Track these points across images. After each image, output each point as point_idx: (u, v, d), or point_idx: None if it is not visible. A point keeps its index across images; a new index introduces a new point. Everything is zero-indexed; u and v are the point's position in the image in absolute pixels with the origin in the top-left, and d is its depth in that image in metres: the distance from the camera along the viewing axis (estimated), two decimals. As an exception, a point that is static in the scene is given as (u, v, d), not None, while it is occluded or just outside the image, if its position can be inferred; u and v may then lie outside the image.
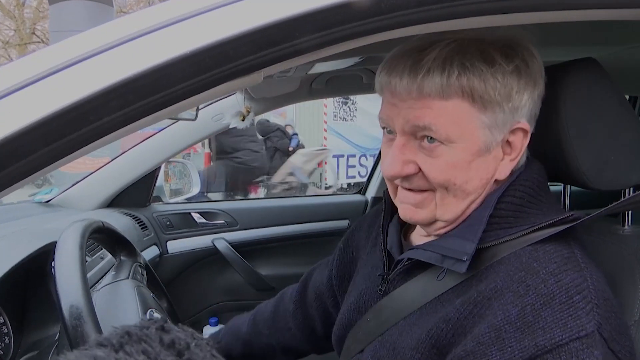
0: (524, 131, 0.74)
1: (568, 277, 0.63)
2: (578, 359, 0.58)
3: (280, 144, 7.05)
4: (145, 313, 0.88)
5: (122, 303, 0.88)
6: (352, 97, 8.60)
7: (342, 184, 8.43)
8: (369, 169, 2.45)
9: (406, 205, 0.78)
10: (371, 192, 2.21)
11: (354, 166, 8.40)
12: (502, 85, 0.69)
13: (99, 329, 0.71)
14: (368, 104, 8.53)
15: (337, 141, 8.61)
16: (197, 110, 1.50)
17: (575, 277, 0.64)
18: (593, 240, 0.80)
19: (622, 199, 0.73)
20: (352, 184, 8.23)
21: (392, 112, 0.73)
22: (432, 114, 0.70)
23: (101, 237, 0.97)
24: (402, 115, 0.72)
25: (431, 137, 0.71)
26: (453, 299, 0.71)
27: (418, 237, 0.85)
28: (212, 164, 6.37)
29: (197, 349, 0.46)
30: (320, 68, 1.32)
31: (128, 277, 0.95)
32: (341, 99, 8.56)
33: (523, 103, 0.72)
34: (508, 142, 0.74)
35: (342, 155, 8.40)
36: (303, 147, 7.38)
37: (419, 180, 0.74)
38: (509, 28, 0.71)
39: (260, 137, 6.59)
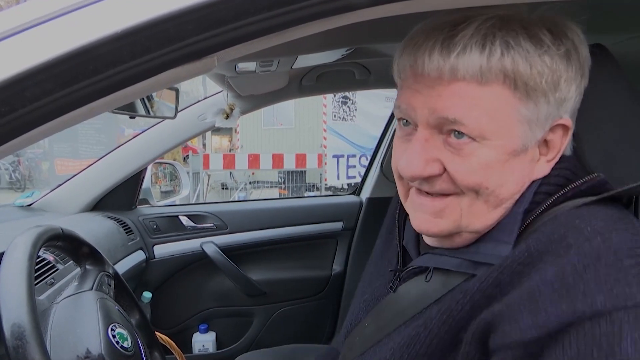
0: (565, 128, 0.64)
1: (618, 237, 0.53)
2: (622, 332, 0.47)
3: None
4: (107, 328, 0.80)
5: (81, 317, 0.80)
6: (351, 97, 8.55)
7: (342, 185, 8.35)
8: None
9: (422, 215, 0.66)
10: (366, 193, 2.12)
11: (354, 166, 8.33)
12: (551, 72, 0.59)
13: (44, 351, 0.63)
14: (368, 104, 8.48)
15: (337, 141, 8.55)
16: (177, 108, 1.42)
17: (628, 237, 0.53)
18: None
19: None
20: (353, 184, 8.17)
21: (415, 101, 0.62)
22: (463, 104, 0.59)
23: (62, 245, 0.89)
24: (427, 104, 0.60)
25: (460, 132, 0.60)
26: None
27: None
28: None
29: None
30: (305, 62, 1.24)
31: (92, 289, 0.88)
32: (340, 99, 8.51)
33: (570, 95, 0.62)
34: (545, 141, 0.64)
35: (342, 156, 8.34)
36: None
37: (442, 182, 0.63)
38: (551, 10, 0.61)
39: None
